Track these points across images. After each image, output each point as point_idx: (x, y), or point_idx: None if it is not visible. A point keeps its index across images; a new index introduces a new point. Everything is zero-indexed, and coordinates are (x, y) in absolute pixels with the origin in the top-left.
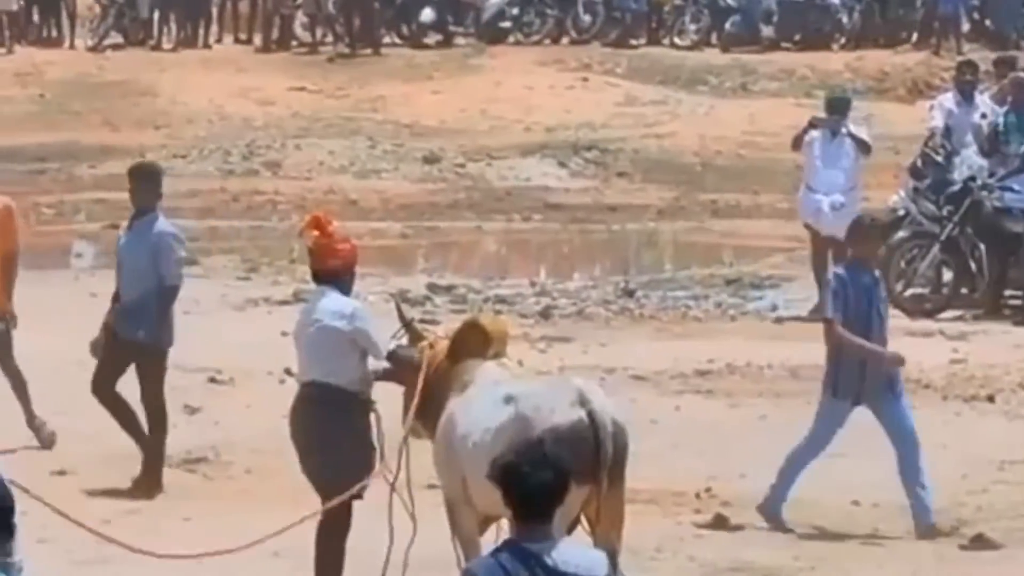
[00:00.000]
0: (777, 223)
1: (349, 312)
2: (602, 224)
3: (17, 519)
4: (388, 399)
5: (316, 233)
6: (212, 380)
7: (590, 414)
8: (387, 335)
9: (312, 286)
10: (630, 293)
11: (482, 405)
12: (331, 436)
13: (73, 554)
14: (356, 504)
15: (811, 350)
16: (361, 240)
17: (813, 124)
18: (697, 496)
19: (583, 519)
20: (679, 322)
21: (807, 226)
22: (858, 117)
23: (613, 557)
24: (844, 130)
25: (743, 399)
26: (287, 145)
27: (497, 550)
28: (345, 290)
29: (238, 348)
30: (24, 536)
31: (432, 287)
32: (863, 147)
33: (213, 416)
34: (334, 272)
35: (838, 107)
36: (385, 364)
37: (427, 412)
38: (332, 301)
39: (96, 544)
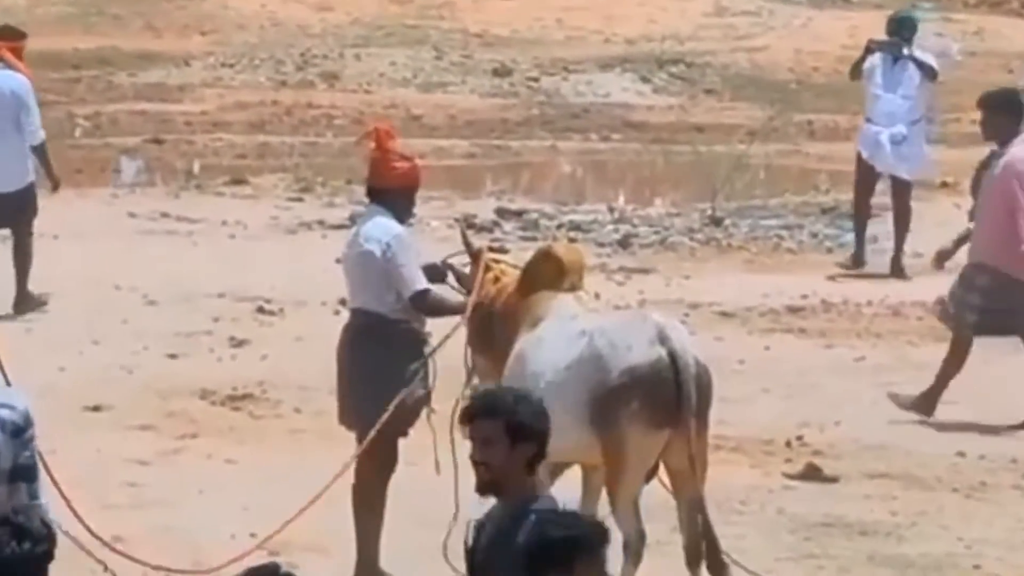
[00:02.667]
0: None
1: (387, 240)
2: (687, 145)
3: (39, 460)
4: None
5: (373, 146)
6: (260, 310)
7: (671, 353)
8: (431, 263)
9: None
10: (717, 221)
11: (554, 341)
12: (368, 367)
13: (105, 499)
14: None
15: (913, 287)
16: (425, 159)
17: (872, 48)
18: (787, 444)
19: (662, 467)
20: (770, 254)
21: (859, 161)
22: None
23: (697, 507)
24: (907, 53)
25: (839, 339)
26: (345, 55)
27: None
28: (400, 213)
29: (289, 276)
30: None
31: (501, 212)
32: (928, 73)
33: (260, 349)
34: (388, 192)
35: (901, 28)
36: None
37: (494, 349)
38: (375, 225)
39: (130, 489)
